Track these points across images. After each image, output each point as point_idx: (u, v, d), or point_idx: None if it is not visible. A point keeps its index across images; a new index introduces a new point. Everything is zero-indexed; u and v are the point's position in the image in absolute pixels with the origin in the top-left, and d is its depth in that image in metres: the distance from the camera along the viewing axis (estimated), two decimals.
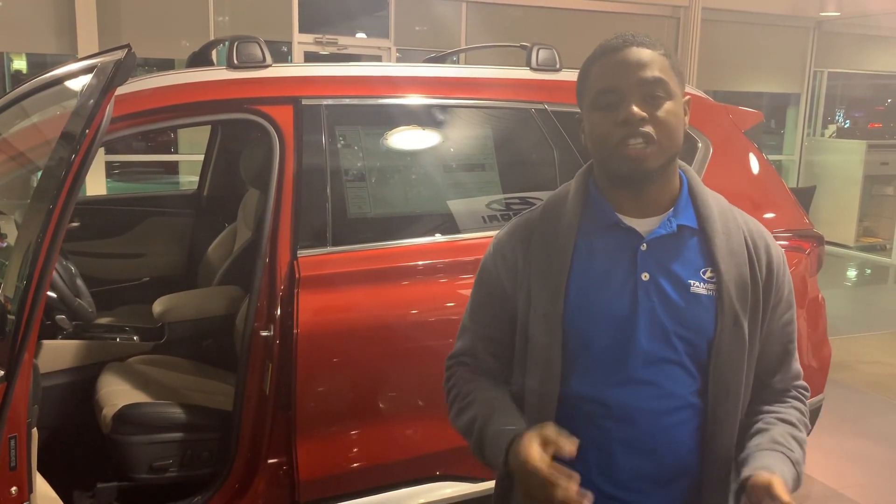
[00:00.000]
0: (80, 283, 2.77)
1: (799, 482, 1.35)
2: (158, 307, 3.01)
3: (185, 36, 6.28)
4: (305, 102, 2.46)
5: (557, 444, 1.20)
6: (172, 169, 10.17)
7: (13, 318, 1.77)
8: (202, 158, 3.95)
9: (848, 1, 8.20)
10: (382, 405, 2.45)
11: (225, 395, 2.63)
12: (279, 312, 2.29)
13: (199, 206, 3.88)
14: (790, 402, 1.43)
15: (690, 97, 1.40)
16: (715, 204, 1.41)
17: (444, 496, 2.51)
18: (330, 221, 2.42)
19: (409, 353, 2.44)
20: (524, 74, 2.83)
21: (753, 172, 3.03)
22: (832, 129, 10.83)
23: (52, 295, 2.52)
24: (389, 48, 7.04)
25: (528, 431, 1.25)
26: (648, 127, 1.29)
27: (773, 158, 9.04)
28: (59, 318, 2.68)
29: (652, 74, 1.30)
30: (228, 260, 3.24)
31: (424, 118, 2.69)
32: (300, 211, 2.39)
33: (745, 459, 1.33)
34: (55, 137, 2.00)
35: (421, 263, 2.50)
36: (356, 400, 2.43)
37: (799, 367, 1.47)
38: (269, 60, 2.48)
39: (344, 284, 2.39)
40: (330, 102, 2.50)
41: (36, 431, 1.97)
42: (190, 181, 7.29)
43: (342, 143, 2.56)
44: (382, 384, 2.45)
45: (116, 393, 2.60)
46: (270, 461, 2.37)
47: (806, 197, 7.17)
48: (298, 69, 2.71)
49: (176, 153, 9.02)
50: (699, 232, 1.38)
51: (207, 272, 3.46)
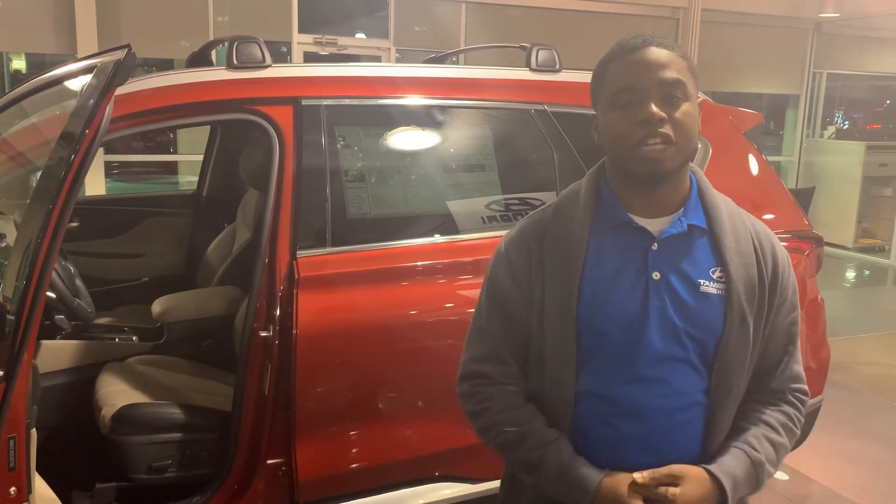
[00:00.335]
0: (79, 283, 2.77)
1: (757, 482, 1.38)
2: (157, 307, 3.01)
3: (184, 36, 6.28)
4: (305, 103, 2.46)
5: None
6: (172, 169, 10.16)
7: (12, 318, 1.77)
8: (201, 158, 3.95)
9: (847, 2, 8.20)
10: (381, 406, 2.45)
11: (224, 395, 2.63)
12: (278, 313, 2.29)
13: (198, 206, 3.88)
14: (781, 405, 1.44)
15: (703, 98, 1.40)
16: (724, 205, 1.42)
17: (443, 497, 2.51)
18: (329, 222, 2.42)
19: (408, 353, 2.44)
20: (524, 75, 2.83)
21: (753, 173, 3.03)
22: (831, 130, 10.83)
23: (51, 295, 2.52)
24: (389, 48, 7.04)
25: (616, 474, 1.33)
26: (667, 128, 1.29)
27: (772, 159, 9.04)
28: (58, 318, 2.68)
29: (671, 75, 1.31)
30: (228, 260, 3.24)
31: (424, 119, 2.69)
32: (300, 211, 2.38)
33: None
34: (55, 137, 2.00)
35: (420, 264, 2.50)
36: (355, 400, 2.43)
37: (799, 369, 1.47)
38: (268, 61, 2.48)
39: (343, 285, 2.39)
40: (329, 103, 2.50)
41: (35, 432, 1.97)
42: (189, 181, 7.28)
43: (342, 143, 2.56)
44: (382, 385, 2.45)
45: (115, 393, 2.60)
46: (269, 461, 2.37)
47: (805, 198, 7.16)
48: (298, 69, 2.71)
49: (175, 153, 9.02)
50: (708, 232, 1.39)
51: (207, 272, 3.46)
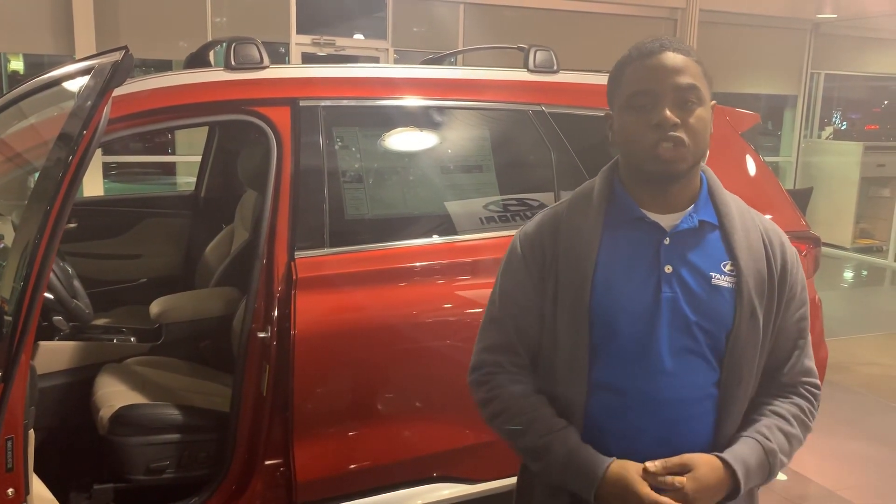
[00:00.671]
0: (77, 284, 2.77)
1: (770, 471, 1.40)
2: (156, 308, 3.00)
3: (182, 37, 6.27)
4: (303, 104, 2.46)
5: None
6: (170, 170, 10.16)
7: (10, 319, 1.77)
8: (199, 159, 3.95)
9: (845, 3, 8.20)
10: (380, 406, 2.45)
11: (222, 396, 2.63)
12: (276, 314, 2.29)
13: (196, 207, 3.88)
14: (792, 398, 1.48)
15: (715, 102, 1.44)
16: (734, 203, 1.47)
17: (441, 497, 2.51)
18: (327, 222, 2.42)
19: (406, 354, 2.44)
20: (521, 76, 2.83)
21: (750, 174, 3.04)
22: (829, 130, 10.85)
23: (49, 296, 2.52)
24: (387, 49, 7.04)
25: (624, 461, 1.35)
26: (680, 131, 1.33)
27: (769, 160, 9.04)
28: (56, 319, 2.68)
29: (686, 81, 1.34)
30: (226, 261, 3.24)
31: (422, 120, 2.69)
32: (297, 212, 2.39)
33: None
34: (53, 138, 2.00)
35: (419, 265, 2.50)
36: (353, 401, 2.43)
37: (811, 364, 1.51)
38: (266, 62, 2.49)
39: (341, 285, 2.39)
40: (327, 104, 2.50)
41: (33, 433, 1.97)
42: (187, 182, 7.28)
43: (339, 144, 2.56)
44: (380, 385, 2.45)
45: (113, 394, 2.59)
46: (267, 462, 2.37)
47: (803, 198, 7.19)
48: (296, 70, 2.72)
49: (173, 154, 9.02)
50: (719, 227, 1.43)
51: (205, 273, 3.46)
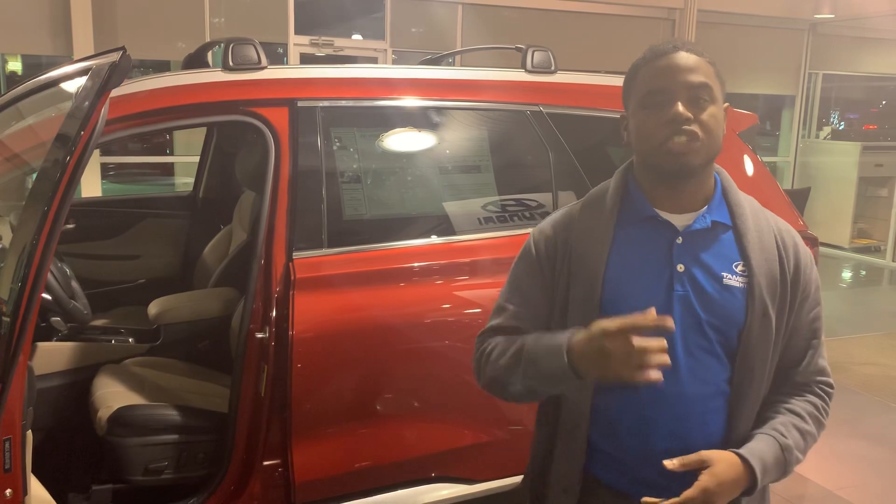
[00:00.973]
0: (75, 284, 2.77)
1: (786, 468, 1.41)
2: (154, 309, 3.00)
3: (180, 38, 6.27)
4: (301, 104, 2.46)
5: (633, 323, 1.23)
6: (168, 170, 10.17)
7: (8, 319, 1.77)
8: (197, 160, 3.95)
9: (842, 3, 8.21)
10: (378, 407, 2.45)
11: (220, 397, 2.63)
12: (275, 314, 2.29)
13: (194, 207, 3.88)
14: (806, 395, 1.49)
15: (728, 105, 1.46)
16: (747, 204, 1.49)
17: (440, 497, 2.51)
18: (325, 223, 2.42)
19: (405, 354, 2.44)
20: (519, 76, 2.84)
21: (748, 174, 3.04)
22: (827, 130, 10.87)
23: (47, 297, 2.51)
24: (385, 50, 7.03)
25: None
26: (694, 126, 1.35)
27: (767, 160, 9.05)
28: (54, 319, 2.68)
29: (699, 79, 1.38)
30: (224, 262, 3.24)
31: (420, 120, 2.69)
32: (296, 213, 2.39)
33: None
34: (50, 139, 2.00)
35: (417, 265, 2.50)
36: (352, 401, 2.43)
37: (824, 363, 1.52)
38: (264, 62, 2.49)
39: (340, 286, 2.39)
40: (326, 104, 2.50)
41: (31, 434, 1.97)
42: (185, 183, 7.28)
43: (338, 144, 2.56)
44: (378, 386, 2.45)
45: (112, 395, 2.59)
46: (266, 463, 2.37)
47: (800, 199, 7.18)
48: (294, 71, 2.72)
49: (171, 155, 9.02)
50: (732, 228, 1.45)
51: (203, 274, 3.46)
